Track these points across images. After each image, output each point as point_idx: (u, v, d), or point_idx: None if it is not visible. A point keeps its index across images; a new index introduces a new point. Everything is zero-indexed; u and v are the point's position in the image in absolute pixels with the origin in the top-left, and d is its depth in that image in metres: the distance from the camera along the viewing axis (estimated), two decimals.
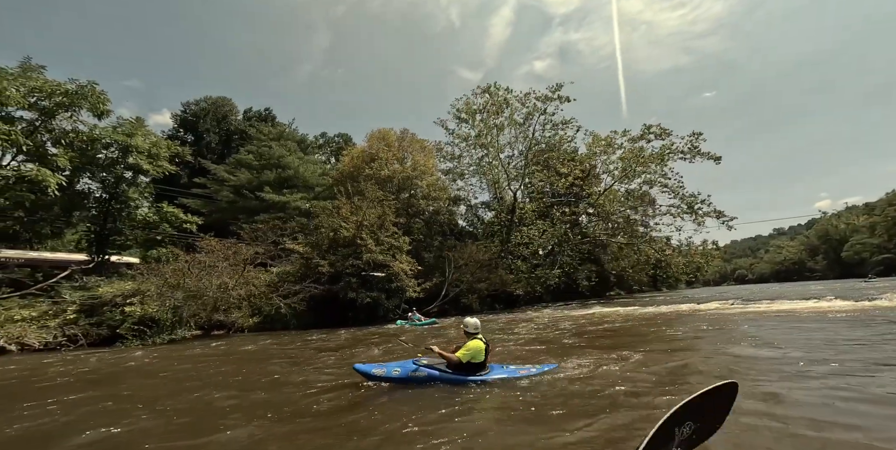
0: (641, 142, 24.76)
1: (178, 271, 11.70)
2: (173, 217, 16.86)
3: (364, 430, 3.17)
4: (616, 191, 27.76)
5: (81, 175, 14.80)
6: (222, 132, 37.13)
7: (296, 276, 15.38)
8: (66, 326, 9.67)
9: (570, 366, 5.19)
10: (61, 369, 6.90)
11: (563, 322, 11.90)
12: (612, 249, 32.07)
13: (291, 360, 7.13)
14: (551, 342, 7.71)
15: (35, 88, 13.52)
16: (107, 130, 14.61)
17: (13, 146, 12.52)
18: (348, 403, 4.02)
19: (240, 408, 3.99)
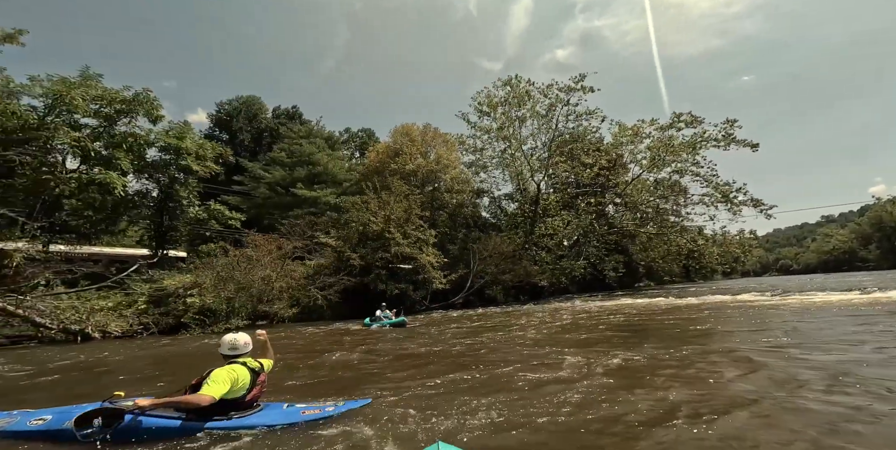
0: (671, 130, 23.91)
1: (229, 265, 12.91)
2: (219, 214, 18.32)
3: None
4: (644, 180, 27.04)
5: (140, 177, 16.38)
6: (254, 130, 38.87)
7: (330, 268, 16.33)
8: (140, 316, 10.98)
9: (567, 365, 4.81)
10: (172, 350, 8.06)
11: (569, 313, 12.18)
12: (641, 240, 31.33)
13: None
14: (560, 334, 7.96)
15: (97, 96, 14.98)
16: (160, 134, 16.03)
17: (83, 152, 14.08)
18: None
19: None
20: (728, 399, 3.30)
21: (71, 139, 13.57)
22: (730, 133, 22.96)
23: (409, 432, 2.87)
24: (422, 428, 2.92)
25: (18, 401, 4.14)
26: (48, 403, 3.63)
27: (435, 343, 7.58)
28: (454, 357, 6.04)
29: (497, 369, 4.82)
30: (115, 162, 14.74)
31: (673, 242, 27.44)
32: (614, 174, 27.14)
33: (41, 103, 14.65)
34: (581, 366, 4.74)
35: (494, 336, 8.24)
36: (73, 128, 14.33)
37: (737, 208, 24.24)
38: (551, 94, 24.76)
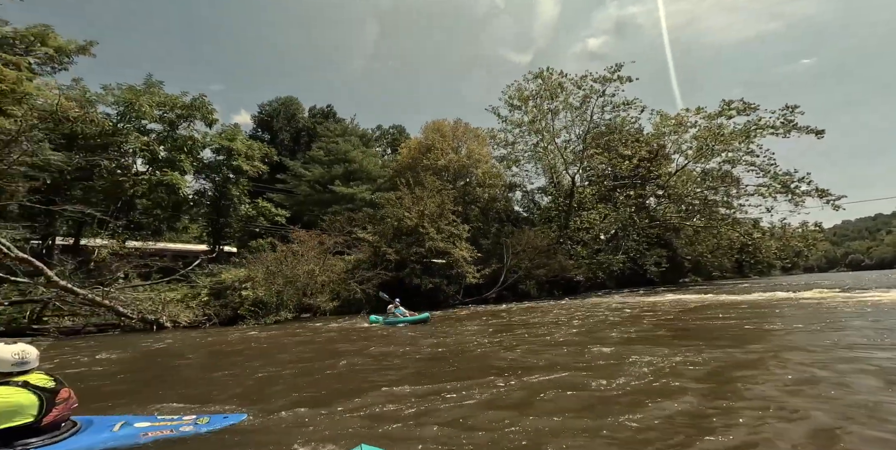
0: (720, 119, 22.20)
1: (277, 260, 13.87)
2: (267, 211, 19.65)
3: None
4: (690, 171, 25.38)
5: (198, 177, 17.93)
6: (292, 130, 40.71)
7: (368, 263, 16.99)
8: (203, 307, 12.12)
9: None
10: (235, 338, 8.95)
11: (610, 309, 11.71)
12: (687, 233, 29.63)
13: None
14: (605, 331, 7.64)
15: (160, 103, 16.52)
16: (215, 137, 17.41)
17: (151, 155, 15.65)
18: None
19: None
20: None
21: (141, 143, 15.11)
22: (790, 119, 21.03)
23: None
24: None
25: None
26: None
27: (464, 342, 7.13)
28: (485, 359, 5.46)
29: (538, 376, 4.25)
30: (179, 164, 16.26)
31: (724, 236, 25.70)
32: (656, 165, 25.76)
33: (114, 111, 16.43)
34: (642, 374, 4.14)
35: (532, 333, 7.93)
36: (141, 133, 15.94)
37: (799, 199, 22.22)
38: (585, 85, 23.89)
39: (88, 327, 9.87)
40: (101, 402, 3.91)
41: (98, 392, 4.45)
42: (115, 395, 4.32)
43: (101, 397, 4.20)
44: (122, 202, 15.36)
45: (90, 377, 5.32)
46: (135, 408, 3.62)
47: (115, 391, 4.55)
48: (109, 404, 3.87)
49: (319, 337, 8.85)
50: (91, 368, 5.95)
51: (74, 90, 16.29)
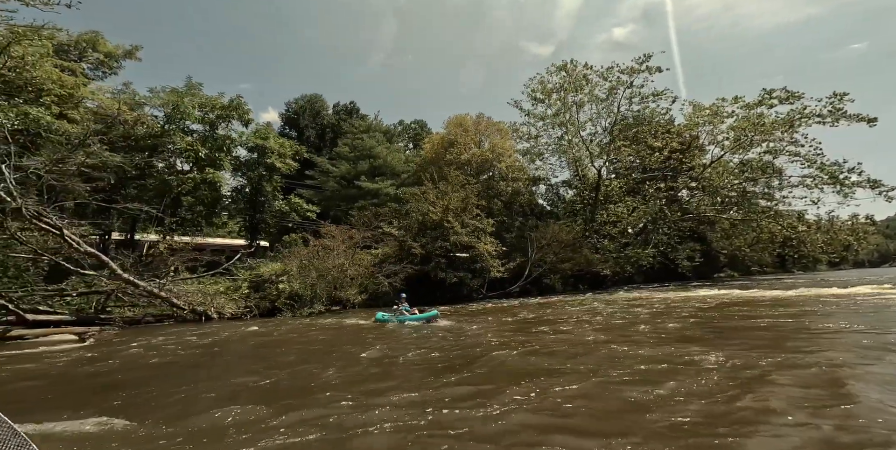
0: (761, 108, 20.93)
1: (309, 254, 14.54)
2: (298, 207, 20.53)
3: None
4: (727, 162, 24.14)
5: (236, 175, 18.97)
6: (318, 127, 41.63)
7: (394, 257, 17.43)
8: (245, 299, 12.91)
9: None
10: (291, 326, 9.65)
11: (641, 305, 11.44)
12: (723, 226, 28.24)
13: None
14: (638, 329, 7.42)
15: (202, 104, 17.50)
16: (251, 136, 18.31)
17: (195, 155, 16.67)
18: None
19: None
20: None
21: (186, 144, 16.14)
22: (838, 108, 19.62)
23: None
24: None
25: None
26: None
27: (485, 340, 6.74)
28: (511, 363, 4.99)
29: (570, 383, 3.89)
30: (219, 162, 17.28)
31: (764, 229, 24.34)
32: (688, 157, 24.65)
33: (160, 112, 17.57)
34: (686, 382, 3.76)
35: (560, 330, 7.58)
36: (184, 133, 17.00)
37: (848, 190, 20.74)
38: (612, 76, 23.17)
39: (147, 318, 10.83)
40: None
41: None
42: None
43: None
44: (169, 200, 16.51)
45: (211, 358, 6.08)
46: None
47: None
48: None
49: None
50: (191, 349, 6.70)
51: (125, 94, 17.54)
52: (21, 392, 4.45)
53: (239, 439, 2.92)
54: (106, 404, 3.81)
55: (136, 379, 4.95)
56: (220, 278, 14.39)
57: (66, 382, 4.87)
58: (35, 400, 4.11)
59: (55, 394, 4.30)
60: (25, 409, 3.79)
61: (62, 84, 13.71)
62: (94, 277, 10.88)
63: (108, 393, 4.27)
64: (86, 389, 4.57)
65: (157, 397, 4.08)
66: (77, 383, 4.85)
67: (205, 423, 3.27)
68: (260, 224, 20.13)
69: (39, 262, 10.11)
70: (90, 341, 7.76)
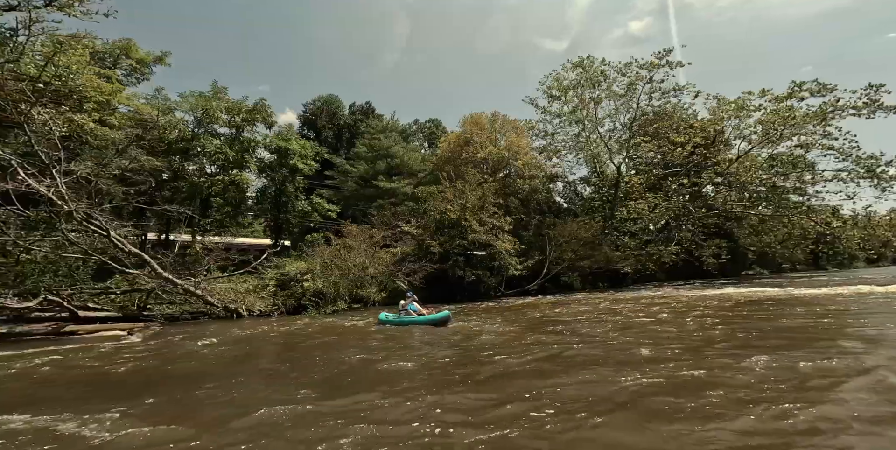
0: (790, 101, 20.08)
1: (332, 253, 14.98)
2: (320, 207, 21.14)
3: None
4: (754, 157, 23.27)
5: (261, 176, 19.69)
6: (335, 127, 42.25)
7: (414, 256, 17.71)
8: (272, 297, 13.42)
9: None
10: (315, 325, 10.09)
11: (666, 304, 11.21)
12: (751, 222, 27.31)
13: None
14: (669, 330, 6.91)
15: (228, 108, 18.21)
16: (274, 138, 18.95)
17: (223, 157, 17.40)
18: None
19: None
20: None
21: (215, 147, 16.87)
22: (874, 99, 18.67)
23: None
24: None
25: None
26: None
27: (503, 344, 6.32)
28: (530, 369, 4.60)
29: (596, 392, 3.66)
30: (245, 164, 18.01)
31: (796, 225, 23.40)
32: (713, 152, 23.92)
33: (189, 116, 18.38)
34: (730, 388, 3.51)
35: (582, 332, 7.17)
36: (212, 136, 17.75)
37: (886, 184, 19.75)
38: (630, 72, 22.66)
39: (184, 315, 11.48)
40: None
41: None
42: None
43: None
44: (199, 201, 17.34)
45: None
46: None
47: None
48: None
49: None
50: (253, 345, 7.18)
51: (157, 99, 18.44)
52: (88, 384, 4.90)
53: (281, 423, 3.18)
54: (164, 396, 4.18)
55: (189, 371, 5.39)
56: (249, 277, 15.02)
57: (128, 374, 5.31)
58: (101, 391, 4.53)
59: (118, 386, 4.73)
60: (94, 399, 4.20)
61: (100, 91, 14.54)
62: (136, 275, 11.59)
63: (166, 385, 4.67)
64: (146, 381, 4.99)
65: (212, 388, 4.44)
66: (138, 375, 5.29)
67: (257, 412, 3.56)
68: (283, 224, 20.84)
69: (88, 261, 10.86)
70: (137, 336, 8.35)
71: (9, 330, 7.80)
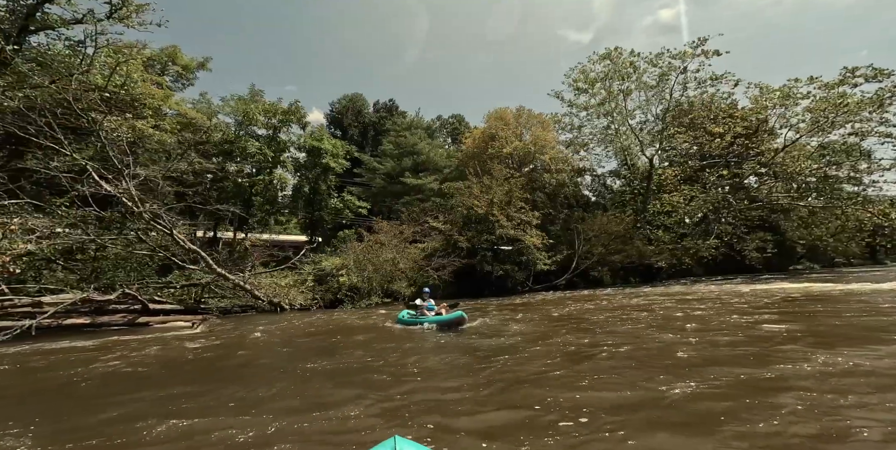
0: (842, 87, 18.58)
1: (365, 249, 15.62)
2: (351, 204, 21.98)
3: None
4: (803, 146, 21.79)
5: (296, 175, 20.72)
6: (360, 125, 43.17)
7: (443, 251, 18.06)
8: (311, 292, 14.24)
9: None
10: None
11: (711, 300, 10.65)
12: (800, 214, 25.62)
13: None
14: (733, 333, 5.87)
15: (265, 110, 19.22)
16: (307, 138, 19.86)
17: (263, 158, 18.43)
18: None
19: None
20: None
21: (255, 148, 17.92)
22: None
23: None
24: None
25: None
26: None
27: (529, 343, 5.99)
28: (557, 376, 4.13)
29: (644, 405, 3.18)
30: (282, 164, 19.03)
31: (850, 217, 21.76)
32: (756, 142, 22.58)
33: (231, 119, 19.55)
34: (800, 392, 3.17)
35: (619, 329, 6.75)
36: (253, 138, 18.84)
37: None
38: (662, 62, 21.78)
39: (235, 308, 12.45)
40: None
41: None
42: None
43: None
44: (243, 200, 18.53)
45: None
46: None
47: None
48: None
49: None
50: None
51: (202, 103, 19.71)
52: (174, 369, 5.55)
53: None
54: (241, 380, 4.74)
55: (260, 358, 5.99)
56: (288, 272, 15.94)
57: (209, 360, 5.93)
58: (188, 376, 5.14)
59: (202, 371, 5.34)
60: (185, 383, 4.83)
61: (154, 97, 15.76)
62: (192, 271, 12.66)
63: (241, 370, 5.27)
64: (224, 367, 5.58)
65: (284, 372, 4.97)
66: (218, 361, 5.88)
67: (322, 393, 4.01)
68: (318, 221, 21.86)
69: (154, 258, 12.01)
70: (201, 327, 9.23)
71: (91, 321, 8.88)
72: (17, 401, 4.24)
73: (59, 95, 10.29)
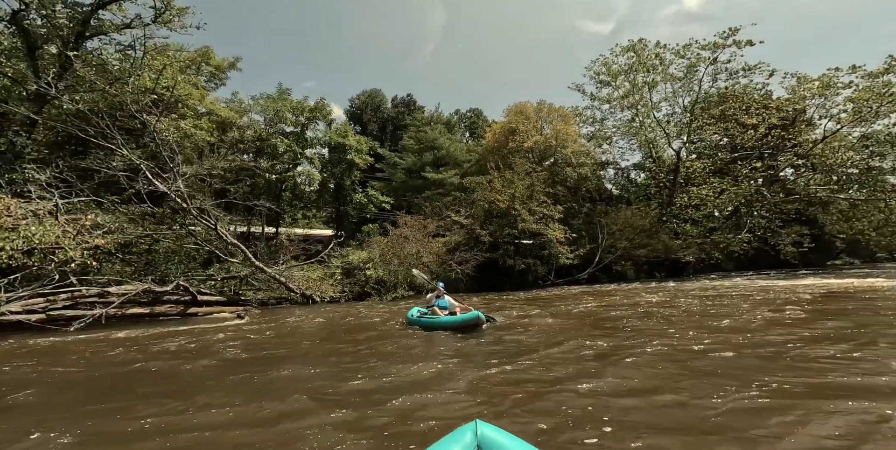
0: (888, 76, 17.48)
1: (389, 243, 16.07)
2: (375, 199, 22.54)
3: None
4: (844, 136, 20.71)
5: (323, 171, 21.38)
6: (379, 120, 43.58)
7: (466, 245, 18.31)
8: (340, 284, 14.72)
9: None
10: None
11: (756, 296, 10.09)
12: (840, 207, 24.44)
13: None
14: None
15: (293, 108, 19.83)
16: (332, 134, 20.42)
17: (293, 155, 19.11)
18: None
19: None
20: None
21: (285, 145, 18.61)
22: None
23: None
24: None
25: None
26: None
27: (551, 342, 5.48)
28: (581, 381, 3.64)
29: (685, 423, 2.70)
30: (310, 160, 19.69)
31: (894, 210, 20.66)
32: (793, 132, 21.60)
33: (260, 117, 20.27)
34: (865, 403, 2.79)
35: (648, 327, 6.26)
36: (283, 136, 19.52)
37: None
38: (690, 54, 21.11)
39: (271, 300, 13.15)
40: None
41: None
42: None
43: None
44: (273, 196, 19.32)
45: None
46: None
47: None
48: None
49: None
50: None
51: (234, 102, 20.50)
52: (253, 352, 5.92)
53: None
54: (319, 363, 5.14)
55: (313, 345, 6.43)
56: (317, 266, 16.55)
57: (273, 346, 6.35)
58: (260, 361, 5.45)
59: (269, 358, 5.71)
60: (269, 365, 5.29)
61: (191, 97, 16.54)
62: (231, 263, 13.43)
63: (307, 356, 5.66)
64: (286, 352, 5.93)
65: (343, 356, 5.41)
66: (278, 347, 6.25)
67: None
68: (342, 216, 22.56)
69: (200, 251, 12.84)
70: (245, 318, 9.89)
71: (150, 311, 9.68)
72: (138, 376, 4.76)
73: (115, 98, 11.07)
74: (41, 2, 10.73)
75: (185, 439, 2.86)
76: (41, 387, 4.35)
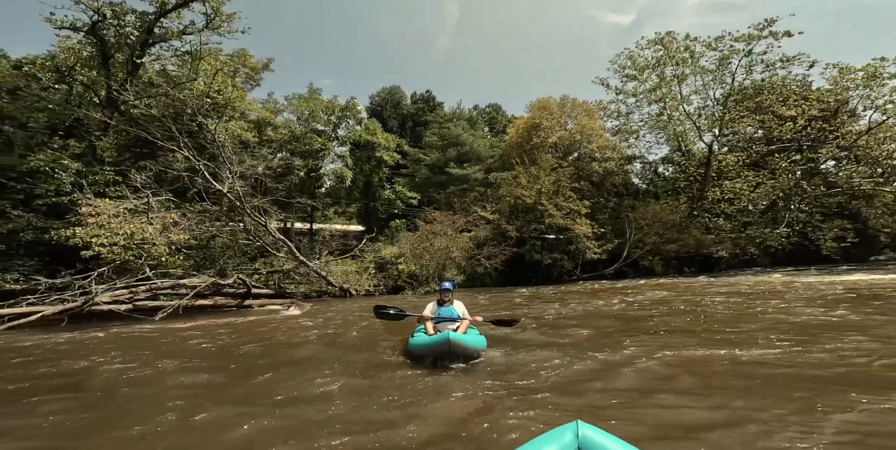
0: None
1: (420, 238, 16.59)
2: (402, 195, 23.17)
3: None
4: (890, 127, 19.70)
5: (353, 168, 22.12)
6: (399, 117, 44.11)
7: (492, 240, 18.62)
8: (374, 278, 15.24)
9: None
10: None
11: (814, 295, 9.55)
12: (885, 201, 23.31)
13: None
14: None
15: (325, 108, 20.57)
16: (362, 132, 21.09)
17: (327, 153, 19.85)
18: None
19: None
20: None
21: (319, 144, 19.40)
22: None
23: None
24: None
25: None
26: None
27: (582, 345, 5.13)
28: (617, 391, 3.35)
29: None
30: (342, 158, 20.47)
31: None
32: (834, 124, 20.68)
33: (294, 117, 21.11)
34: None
35: (691, 327, 5.85)
36: (316, 133, 20.31)
37: None
38: (723, 45, 20.46)
39: (313, 293, 13.88)
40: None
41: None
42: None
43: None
44: (309, 193, 20.17)
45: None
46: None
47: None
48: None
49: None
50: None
51: (269, 103, 21.42)
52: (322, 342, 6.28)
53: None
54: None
55: (372, 333, 6.92)
56: (350, 260, 17.21)
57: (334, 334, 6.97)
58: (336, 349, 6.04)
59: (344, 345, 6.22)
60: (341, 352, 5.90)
61: (237, 99, 17.42)
62: (276, 258, 14.28)
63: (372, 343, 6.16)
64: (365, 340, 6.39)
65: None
66: (341, 336, 6.79)
67: None
68: (371, 212, 23.35)
69: (252, 246, 13.77)
70: (295, 310, 10.60)
71: (214, 302, 10.55)
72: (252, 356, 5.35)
73: (178, 103, 11.97)
74: (115, 12, 11.64)
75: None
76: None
